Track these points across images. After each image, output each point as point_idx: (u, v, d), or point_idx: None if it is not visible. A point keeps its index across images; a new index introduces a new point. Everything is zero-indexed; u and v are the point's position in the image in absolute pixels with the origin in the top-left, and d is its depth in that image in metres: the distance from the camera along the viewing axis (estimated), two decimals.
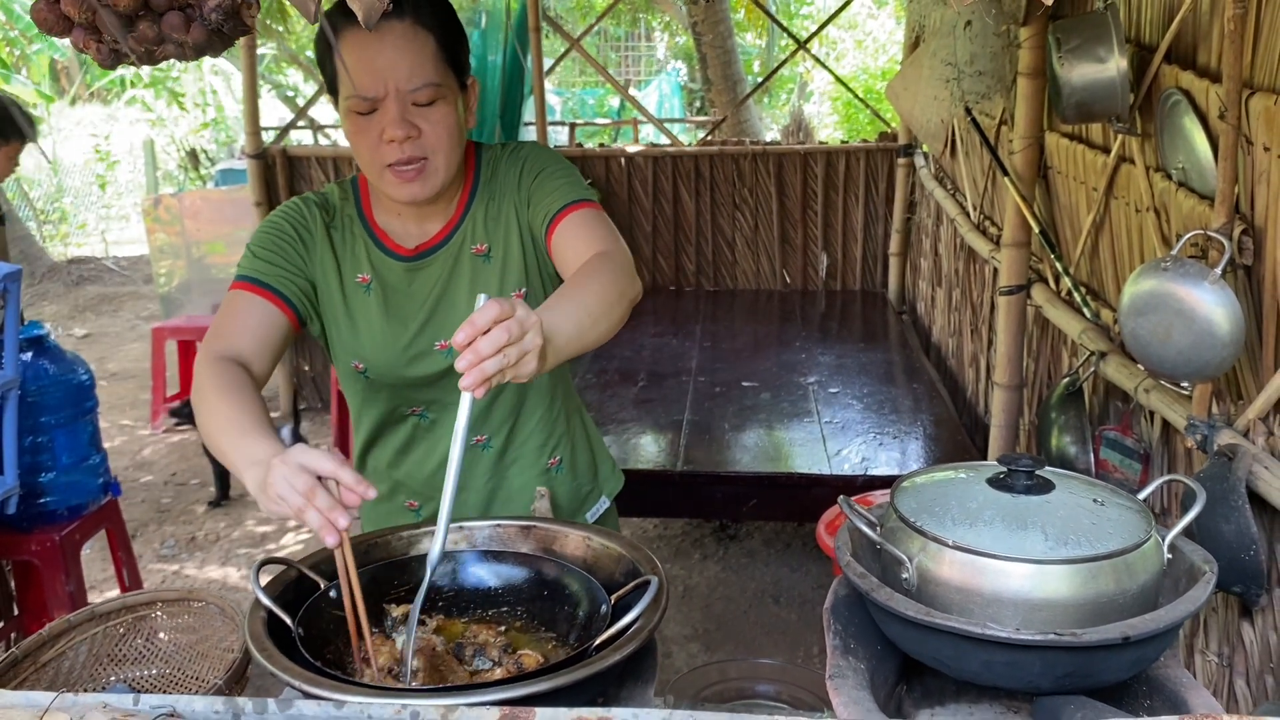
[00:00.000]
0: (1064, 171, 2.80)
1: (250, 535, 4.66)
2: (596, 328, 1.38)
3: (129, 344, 8.11)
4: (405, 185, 1.55)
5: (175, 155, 14.19)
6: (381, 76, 1.48)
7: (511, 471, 1.75)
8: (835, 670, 1.21)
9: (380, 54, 1.48)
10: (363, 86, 1.49)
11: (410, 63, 1.49)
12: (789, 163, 5.87)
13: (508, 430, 1.73)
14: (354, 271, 1.63)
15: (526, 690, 1.06)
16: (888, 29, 14.42)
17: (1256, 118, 1.72)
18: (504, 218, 1.65)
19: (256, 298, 1.55)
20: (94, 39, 0.90)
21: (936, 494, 1.24)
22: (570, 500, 1.81)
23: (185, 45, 0.92)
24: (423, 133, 1.52)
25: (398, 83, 1.49)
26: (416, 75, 1.49)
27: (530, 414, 1.75)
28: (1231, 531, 1.70)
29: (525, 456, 1.76)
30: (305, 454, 1.22)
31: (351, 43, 1.49)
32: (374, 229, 1.66)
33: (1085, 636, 1.06)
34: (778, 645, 3.65)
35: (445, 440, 1.66)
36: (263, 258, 1.58)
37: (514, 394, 1.71)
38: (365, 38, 1.47)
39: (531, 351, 1.19)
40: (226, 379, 1.42)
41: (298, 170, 5.89)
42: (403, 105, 1.50)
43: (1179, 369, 1.85)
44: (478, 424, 1.70)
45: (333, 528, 1.20)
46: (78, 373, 3.23)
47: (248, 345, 1.50)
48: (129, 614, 1.80)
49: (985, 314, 3.94)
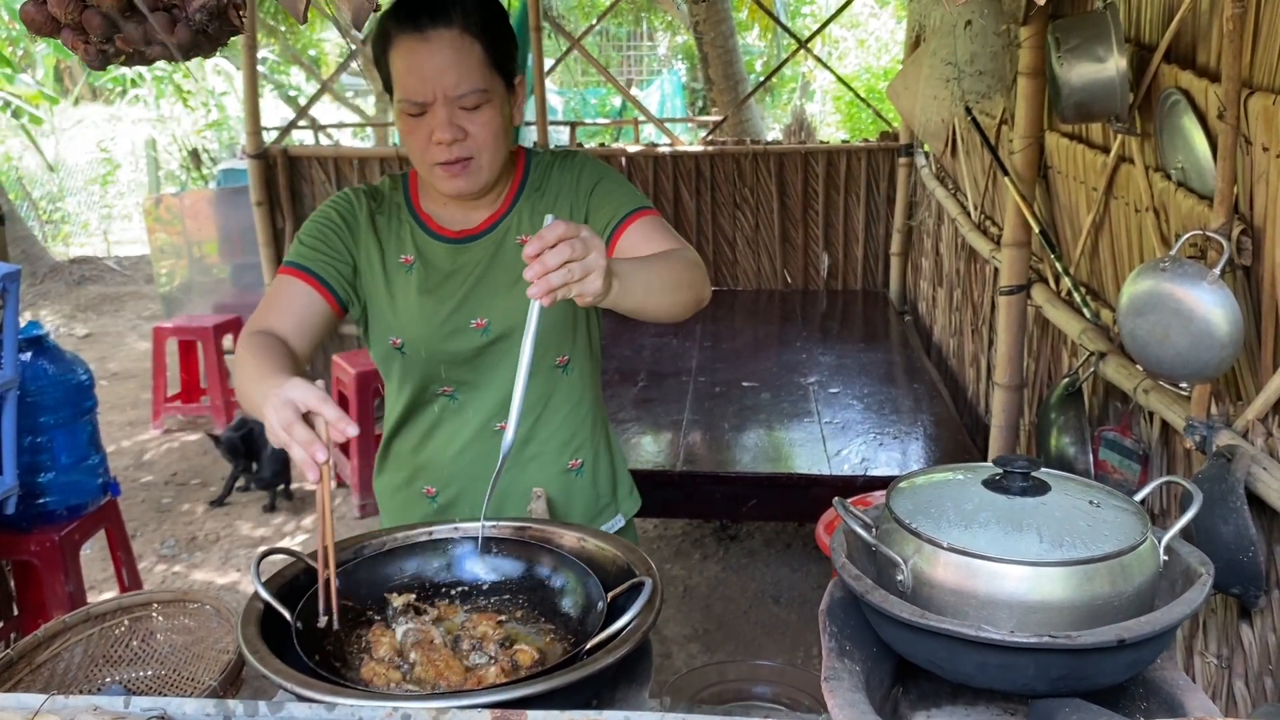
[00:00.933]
0: (1064, 171, 2.79)
1: (250, 536, 4.66)
2: (661, 295, 1.47)
3: (130, 344, 8.12)
4: (452, 180, 1.62)
5: (177, 155, 14.20)
6: (430, 83, 1.55)
7: (532, 466, 1.77)
8: (831, 672, 1.20)
9: (429, 61, 1.54)
10: (412, 92, 1.56)
11: (458, 71, 1.55)
12: (790, 162, 5.86)
13: (532, 420, 1.75)
14: (398, 253, 1.70)
15: (519, 693, 1.06)
16: (890, 28, 14.41)
17: (1255, 117, 1.72)
18: (557, 208, 1.72)
19: (298, 282, 1.62)
20: (82, 40, 0.90)
21: (932, 496, 1.24)
22: (587, 508, 1.82)
23: (172, 46, 0.92)
24: (469, 134, 1.59)
25: (445, 89, 1.55)
26: (464, 82, 1.55)
27: (557, 407, 1.77)
28: (1230, 533, 1.70)
29: (547, 452, 1.78)
30: (295, 388, 1.26)
31: (403, 49, 1.56)
32: (420, 215, 1.73)
33: (1080, 639, 1.05)
34: (778, 646, 3.65)
35: (468, 426, 1.72)
36: (308, 245, 1.66)
37: (542, 382, 1.74)
38: (415, 45, 1.54)
39: (595, 271, 1.27)
40: (259, 344, 1.49)
41: (298, 170, 5.89)
42: (450, 110, 1.56)
43: (1177, 369, 1.85)
44: (502, 410, 1.70)
45: (312, 461, 1.24)
46: (77, 373, 3.23)
47: (286, 325, 1.57)
48: (125, 615, 1.79)
49: (986, 314, 3.93)
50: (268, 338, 1.52)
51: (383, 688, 1.19)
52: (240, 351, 1.50)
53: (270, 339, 1.52)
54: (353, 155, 5.93)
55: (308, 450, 1.23)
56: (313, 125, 8.39)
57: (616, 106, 14.34)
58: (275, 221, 5.91)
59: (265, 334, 1.53)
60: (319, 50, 14.78)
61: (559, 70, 16.37)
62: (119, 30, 0.87)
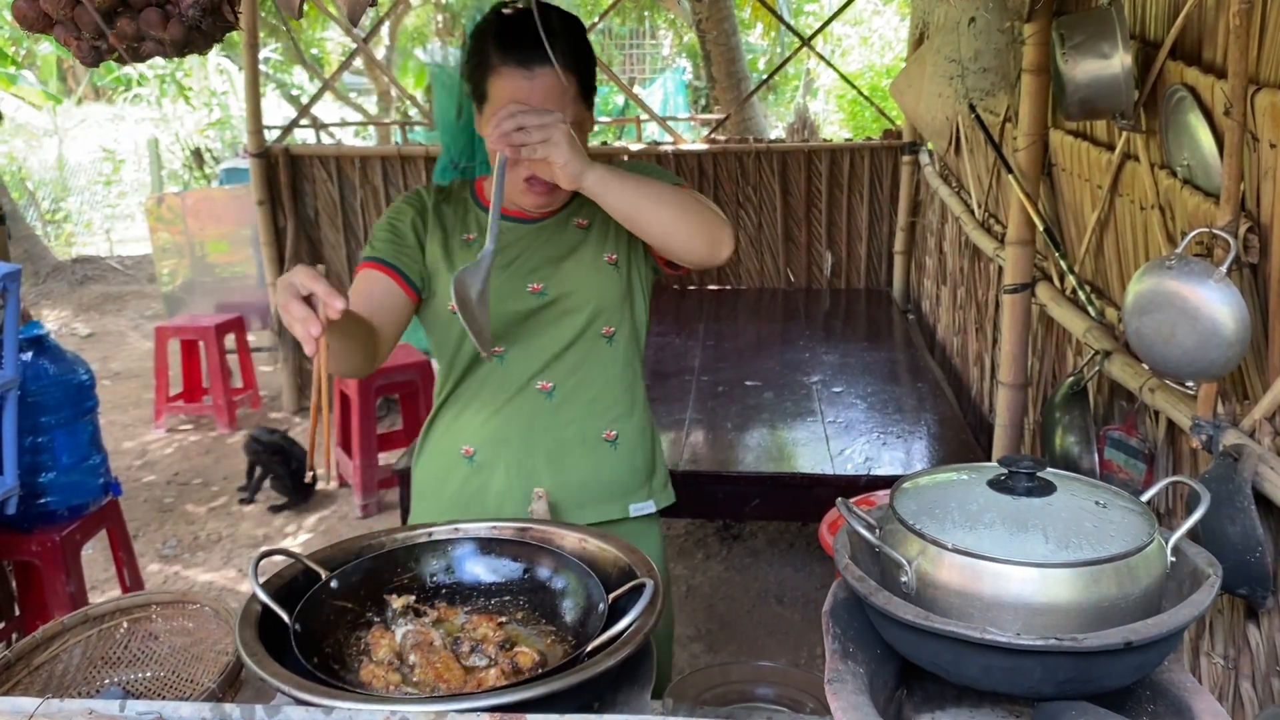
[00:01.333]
0: (1068, 169, 2.78)
1: (252, 536, 4.65)
2: (658, 209, 1.58)
3: (133, 343, 8.12)
4: (536, 197, 1.76)
5: (180, 154, 14.21)
6: None
7: (569, 430, 1.84)
8: (834, 675, 1.19)
9: (530, 97, 1.63)
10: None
11: (556, 104, 1.64)
12: (793, 160, 5.84)
13: (572, 383, 1.83)
14: (461, 232, 1.82)
15: (519, 696, 1.05)
16: (893, 25, 14.38)
17: (1262, 114, 1.70)
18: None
19: (375, 273, 1.74)
20: (74, 36, 0.89)
21: (936, 496, 1.22)
22: (618, 483, 1.88)
23: (165, 42, 0.91)
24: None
25: None
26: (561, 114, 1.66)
27: (597, 374, 1.85)
28: (1237, 533, 1.68)
29: (584, 419, 1.84)
30: (296, 273, 1.36)
31: (505, 80, 1.66)
32: (483, 202, 1.85)
33: (1086, 642, 1.04)
34: (781, 646, 3.64)
35: (511, 384, 1.81)
36: (383, 239, 1.78)
37: (583, 349, 1.82)
38: (518, 79, 1.64)
39: (557, 133, 1.46)
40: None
41: (300, 169, 5.89)
42: None
43: (1183, 368, 1.83)
44: (547, 369, 1.81)
45: (308, 335, 1.33)
46: (78, 372, 3.22)
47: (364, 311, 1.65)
48: (124, 616, 1.79)
49: (990, 312, 3.92)
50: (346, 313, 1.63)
51: (382, 690, 1.18)
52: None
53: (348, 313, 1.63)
54: (354, 154, 5.93)
55: (305, 326, 1.33)
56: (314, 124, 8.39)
57: (619, 105, 14.33)
58: (277, 221, 5.90)
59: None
60: (321, 49, 14.77)
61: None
62: (112, 26, 0.86)
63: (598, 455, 1.85)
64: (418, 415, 4.79)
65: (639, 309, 1.89)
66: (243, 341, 6.24)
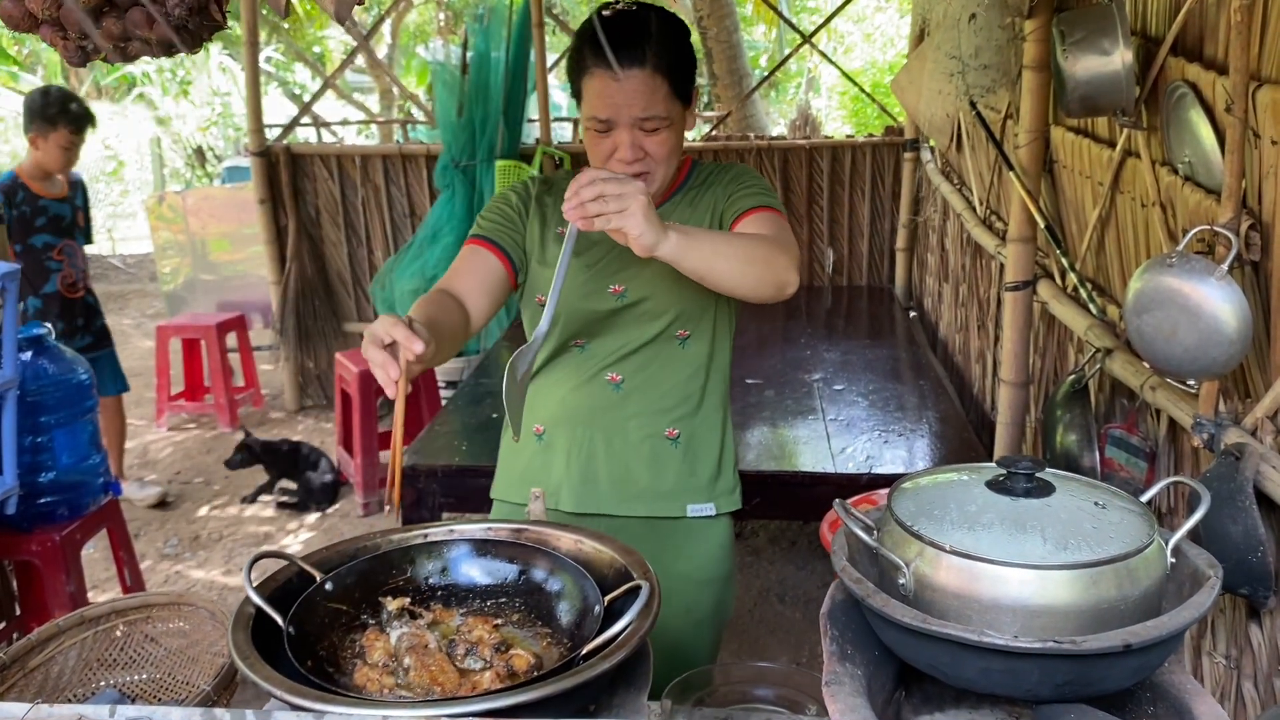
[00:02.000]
0: (1069, 166, 2.77)
1: (253, 535, 4.65)
2: (733, 264, 1.59)
3: (134, 342, 8.12)
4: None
5: (183, 153, 14.21)
6: (618, 110, 1.70)
7: (632, 424, 1.89)
8: (832, 677, 1.18)
9: (620, 94, 1.69)
10: (601, 112, 1.71)
11: (644, 102, 1.69)
12: (794, 158, 5.83)
13: (641, 379, 1.89)
14: (556, 225, 1.87)
15: (513, 700, 1.04)
16: (895, 22, 14.35)
17: (1264, 110, 1.69)
18: (702, 206, 1.87)
19: (480, 249, 1.81)
20: (60, 36, 0.88)
21: (934, 497, 1.22)
22: (677, 482, 1.92)
23: (151, 42, 0.90)
24: (648, 153, 1.75)
25: (631, 115, 1.70)
26: (648, 111, 1.70)
27: (665, 374, 1.89)
28: (1239, 532, 1.67)
29: (647, 413, 1.90)
30: (378, 323, 1.43)
31: (597, 79, 1.70)
32: None
33: (1085, 644, 1.03)
34: (782, 645, 3.63)
35: (585, 371, 1.88)
36: (491, 219, 1.85)
37: (657, 348, 1.88)
38: (609, 79, 1.69)
39: (634, 206, 1.43)
40: (429, 298, 1.68)
41: (301, 167, 5.89)
42: (633, 133, 1.72)
43: (1185, 366, 1.82)
44: (617, 362, 1.87)
45: (388, 379, 1.40)
46: (77, 372, 3.22)
47: (465, 285, 1.76)
48: (119, 618, 1.78)
49: (992, 310, 3.91)
50: (442, 295, 1.71)
51: (376, 694, 1.18)
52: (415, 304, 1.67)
53: (441, 295, 1.70)
54: (355, 152, 5.92)
55: (384, 370, 1.40)
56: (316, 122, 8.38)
57: None
58: (278, 219, 5.90)
59: (443, 292, 1.72)
60: (323, 47, 14.77)
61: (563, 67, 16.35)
62: (98, 26, 0.85)
63: (658, 451, 1.90)
64: (419, 415, 4.79)
65: (721, 315, 1.93)
66: (244, 340, 6.24)
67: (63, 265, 4.48)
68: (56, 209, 4.48)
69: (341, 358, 5.00)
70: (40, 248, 4.42)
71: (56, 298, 4.48)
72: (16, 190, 4.35)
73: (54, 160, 4.37)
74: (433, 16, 14.49)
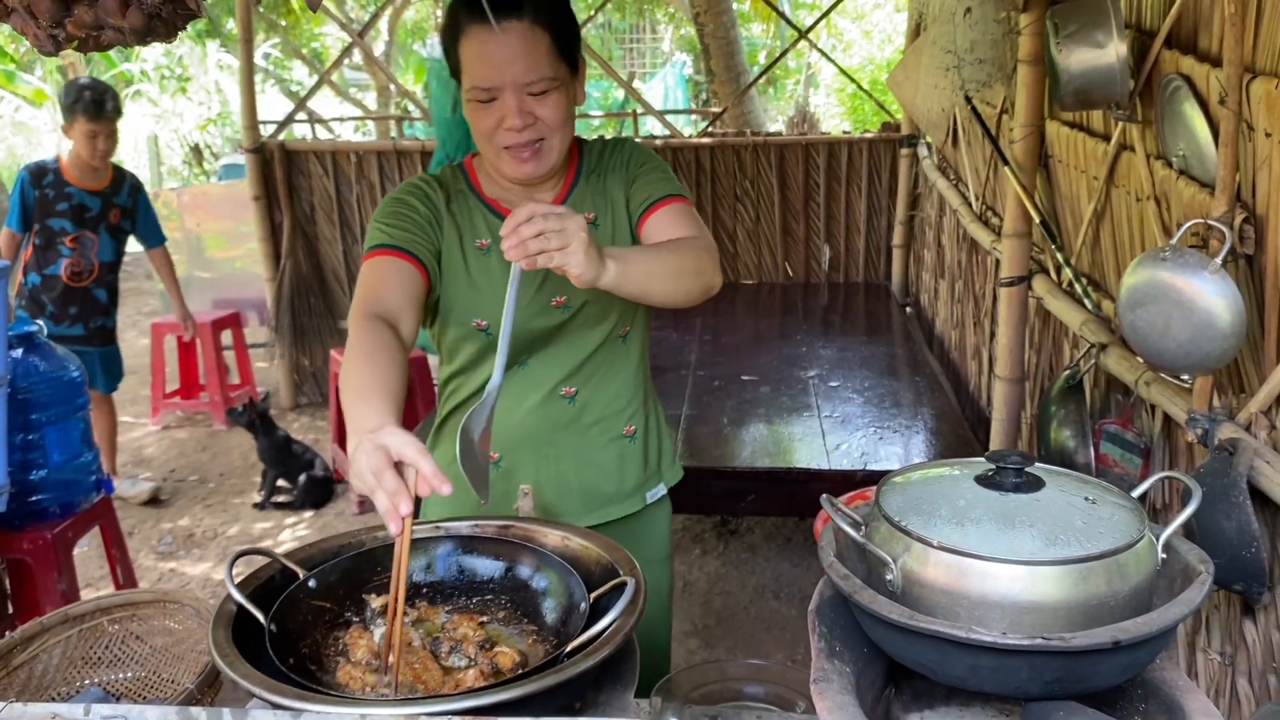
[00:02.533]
0: (1064, 160, 2.75)
1: (248, 533, 4.63)
2: (667, 280, 1.56)
3: (129, 339, 8.08)
4: (521, 165, 1.67)
5: (180, 150, 14.18)
6: (500, 71, 1.59)
7: (593, 432, 1.84)
8: (820, 674, 1.17)
9: (499, 51, 1.59)
10: (483, 79, 1.61)
11: (528, 60, 1.59)
12: (790, 154, 5.81)
13: (593, 387, 1.83)
14: (473, 238, 1.75)
15: (495, 698, 1.03)
16: (894, 20, 14.33)
17: (1258, 103, 1.68)
18: (609, 194, 1.80)
19: (397, 259, 1.64)
20: (32, 24, 0.87)
21: (923, 492, 1.20)
22: (638, 476, 1.90)
23: (124, 30, 0.89)
24: (539, 119, 1.64)
25: (516, 77, 1.60)
26: (533, 70, 1.60)
27: (615, 375, 1.85)
28: (1232, 528, 1.66)
29: (607, 419, 1.85)
30: (393, 435, 1.25)
31: (474, 39, 1.60)
32: (487, 200, 1.78)
33: (1074, 641, 1.02)
34: (778, 642, 3.62)
35: (537, 390, 1.80)
36: (395, 226, 1.68)
37: (605, 352, 1.82)
38: (486, 36, 1.58)
39: (575, 243, 1.37)
40: (375, 342, 1.49)
41: (296, 164, 5.87)
42: (520, 97, 1.61)
43: (1179, 361, 1.81)
44: (570, 376, 1.80)
45: (395, 513, 1.21)
46: (69, 369, 3.20)
47: (395, 301, 1.59)
48: (104, 616, 1.76)
49: (988, 306, 3.89)
50: (382, 330, 1.51)
51: (359, 692, 1.16)
52: (352, 342, 1.49)
53: (383, 332, 1.51)
54: (350, 149, 5.90)
55: (393, 500, 1.21)
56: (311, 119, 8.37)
57: (620, 99, 14.29)
58: (273, 216, 5.88)
59: (380, 323, 1.52)
60: (321, 44, 14.74)
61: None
62: (70, 14, 0.84)
63: (621, 452, 1.87)
64: (415, 412, 4.77)
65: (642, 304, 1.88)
66: (239, 338, 6.22)
67: (74, 253, 4.54)
68: (84, 199, 4.56)
69: (337, 355, 4.98)
70: (56, 230, 4.53)
71: (58, 281, 4.56)
72: (47, 173, 4.52)
73: (83, 148, 4.47)
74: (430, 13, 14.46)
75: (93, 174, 4.56)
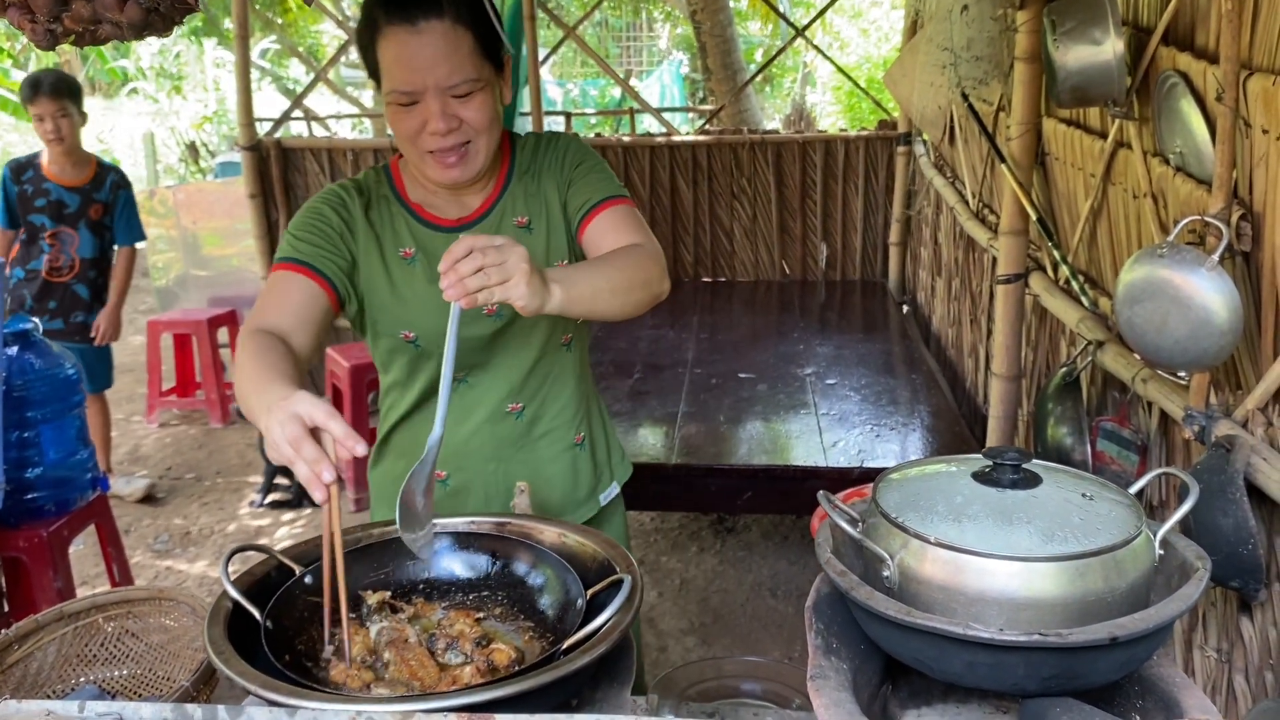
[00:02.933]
0: (1061, 158, 2.75)
1: (245, 530, 4.63)
2: (614, 297, 1.48)
3: (126, 337, 8.03)
4: (448, 169, 1.62)
5: (176, 148, 14.16)
6: (422, 74, 1.54)
7: (542, 444, 1.80)
8: (817, 671, 1.17)
9: (420, 53, 1.52)
10: (403, 83, 1.55)
11: (451, 62, 1.54)
12: (787, 152, 5.81)
13: (541, 399, 1.78)
14: (396, 247, 1.68)
15: (491, 695, 1.02)
16: (891, 19, 14.34)
17: (1255, 99, 1.68)
18: (544, 195, 1.73)
19: (297, 276, 1.58)
20: (29, 19, 0.86)
21: (920, 489, 1.20)
22: (590, 481, 1.87)
23: (123, 25, 0.88)
24: (464, 121, 1.58)
25: (438, 80, 1.54)
26: (456, 73, 1.55)
27: (563, 385, 1.80)
28: (1229, 525, 1.66)
29: (556, 429, 1.81)
30: (302, 402, 1.20)
31: (393, 40, 1.54)
32: (411, 206, 1.71)
33: (1071, 637, 1.02)
34: (774, 639, 3.62)
35: (481, 408, 1.74)
36: (304, 239, 1.62)
37: (549, 362, 1.77)
38: (405, 36, 1.52)
39: (517, 275, 1.29)
40: (257, 346, 1.45)
41: (292, 162, 5.85)
42: (443, 100, 1.56)
43: (1176, 358, 1.81)
44: (515, 391, 1.75)
45: (318, 481, 1.18)
46: (64, 367, 3.19)
47: (287, 321, 1.53)
48: (99, 613, 1.76)
49: (984, 303, 3.89)
50: (268, 338, 1.47)
51: (355, 689, 1.16)
52: (240, 352, 1.46)
53: (271, 339, 1.47)
54: (346, 147, 5.89)
55: (314, 469, 1.18)
56: (307, 116, 8.34)
57: (617, 98, 14.29)
58: (269, 214, 5.87)
59: (266, 334, 1.48)
60: (317, 42, 14.72)
61: (559, 62, 16.32)
62: (67, 8, 0.83)
63: (572, 461, 1.83)
64: None
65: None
66: (235, 336, 6.20)
67: (53, 248, 4.54)
68: (62, 195, 4.58)
69: (332, 352, 4.97)
70: (37, 226, 4.56)
71: (39, 276, 4.58)
72: (27, 168, 4.57)
73: (38, 132, 4.49)
74: None
75: (72, 169, 4.57)
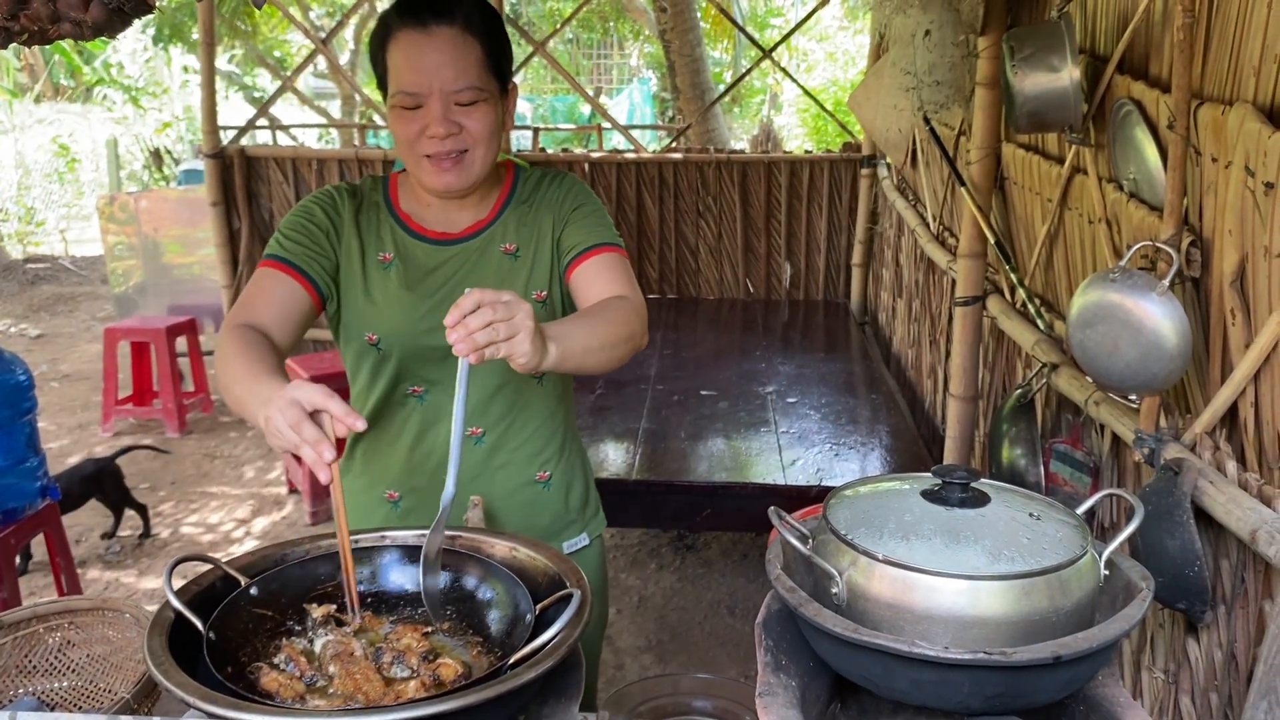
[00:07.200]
0: (1019, 182, 2.79)
1: (198, 542, 4.56)
2: (601, 354, 1.50)
3: (83, 345, 7.97)
4: (442, 175, 1.63)
5: (141, 155, 14.01)
6: (428, 77, 1.56)
7: (500, 475, 1.76)
8: (765, 688, 1.17)
9: (428, 56, 1.56)
10: (409, 84, 1.57)
11: (457, 67, 1.57)
12: (753, 171, 5.85)
13: (503, 428, 1.75)
14: (377, 251, 1.70)
15: (434, 709, 1.01)
16: (858, 43, 14.48)
17: (1205, 128, 1.71)
18: (538, 225, 1.73)
19: (281, 274, 1.62)
20: None
21: (871, 506, 1.21)
22: (553, 522, 1.82)
23: (84, 24, 0.87)
24: (464, 129, 1.60)
25: (443, 84, 1.57)
26: (462, 78, 1.57)
27: (528, 418, 1.76)
28: (1176, 547, 1.68)
29: (516, 461, 1.77)
30: (298, 388, 1.27)
31: (403, 42, 1.57)
32: (400, 215, 1.73)
33: (1016, 656, 1.02)
34: (732, 657, 3.61)
35: (435, 427, 1.72)
36: (291, 239, 1.65)
37: (514, 391, 1.74)
38: (416, 38, 1.56)
39: (523, 331, 1.30)
40: (243, 341, 1.49)
41: (256, 170, 5.81)
42: (446, 105, 1.58)
43: (1126, 381, 1.83)
44: (476, 415, 1.72)
45: (322, 461, 1.24)
46: (15, 373, 3.14)
47: (269, 317, 1.57)
48: (40, 624, 1.72)
49: (943, 325, 3.93)
50: (252, 333, 1.52)
51: (289, 700, 1.14)
52: (224, 346, 1.50)
53: (254, 334, 1.52)
54: (311, 156, 5.86)
55: (317, 449, 1.24)
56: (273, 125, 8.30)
57: (585, 114, 14.32)
58: (231, 222, 5.82)
59: (249, 329, 1.53)
60: (285, 51, 14.64)
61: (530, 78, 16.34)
62: (26, 7, 0.82)
63: (531, 497, 1.78)
64: None
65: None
66: (194, 344, 6.13)
67: None
68: None
69: (292, 363, 4.93)
70: None
71: None
72: None
73: None
74: None
75: None
